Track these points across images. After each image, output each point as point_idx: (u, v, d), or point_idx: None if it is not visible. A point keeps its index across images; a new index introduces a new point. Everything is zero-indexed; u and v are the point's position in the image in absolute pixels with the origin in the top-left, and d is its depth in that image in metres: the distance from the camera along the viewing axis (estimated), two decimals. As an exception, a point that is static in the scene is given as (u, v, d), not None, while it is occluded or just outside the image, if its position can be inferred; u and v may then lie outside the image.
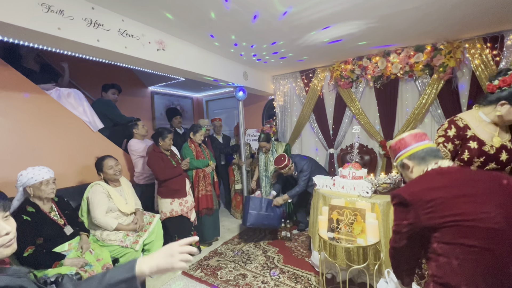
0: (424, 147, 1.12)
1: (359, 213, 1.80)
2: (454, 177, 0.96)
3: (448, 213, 0.87)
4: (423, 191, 0.94)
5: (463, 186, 0.92)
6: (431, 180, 0.98)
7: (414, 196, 0.94)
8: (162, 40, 2.39)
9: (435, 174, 1.01)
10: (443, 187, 0.93)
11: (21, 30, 1.56)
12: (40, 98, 2.28)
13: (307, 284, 2.26)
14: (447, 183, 0.94)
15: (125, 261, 2.15)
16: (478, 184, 0.92)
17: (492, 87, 1.44)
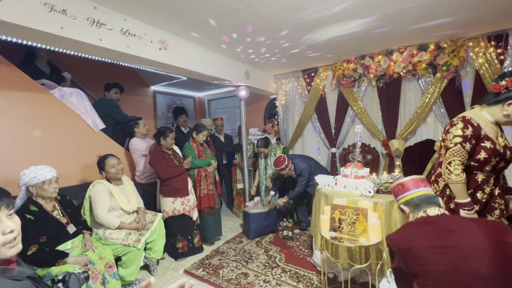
0: (420, 194, 1.14)
1: (361, 212, 1.79)
2: (438, 227, 0.99)
3: (423, 262, 0.93)
4: (403, 240, 1.02)
5: (444, 237, 0.94)
6: (414, 229, 1.04)
7: (394, 245, 1.04)
8: (164, 39, 2.40)
9: (421, 223, 1.05)
10: (423, 237, 0.98)
11: (24, 29, 1.57)
12: (43, 97, 2.29)
13: (309, 283, 2.26)
14: (429, 233, 0.98)
15: (128, 260, 2.17)
16: (459, 236, 0.93)
17: (499, 87, 1.42)
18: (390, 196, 2.07)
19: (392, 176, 2.33)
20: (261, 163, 3.67)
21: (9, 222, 0.78)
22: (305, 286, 2.22)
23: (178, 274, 2.50)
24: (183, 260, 2.76)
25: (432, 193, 1.14)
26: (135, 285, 2.29)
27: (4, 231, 0.76)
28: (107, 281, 1.92)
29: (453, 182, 1.46)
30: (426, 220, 1.06)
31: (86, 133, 2.59)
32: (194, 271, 2.54)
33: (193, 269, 2.57)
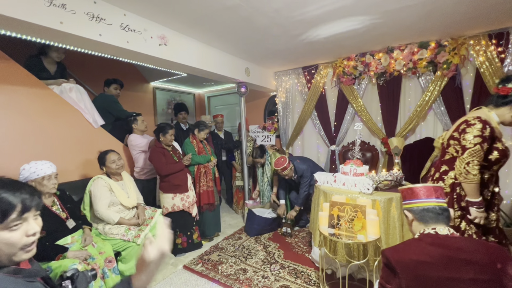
0: (430, 205, 1.04)
1: (360, 209, 1.80)
2: (446, 254, 0.90)
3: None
4: (411, 263, 0.91)
5: (452, 267, 0.88)
6: (422, 251, 0.94)
7: (401, 266, 0.92)
8: (164, 35, 2.38)
9: (428, 245, 0.96)
10: (432, 264, 0.90)
11: (24, 24, 1.56)
12: (43, 92, 2.29)
13: (307, 279, 2.28)
14: (437, 260, 0.90)
15: (127, 255, 2.19)
16: (468, 268, 0.87)
17: (507, 90, 1.46)
18: (388, 194, 2.08)
19: (391, 174, 2.34)
20: (259, 172, 3.66)
21: (34, 223, 0.75)
22: (303, 282, 2.24)
23: (177, 270, 2.52)
24: (182, 255, 2.77)
25: (444, 206, 1.05)
26: (134, 280, 2.30)
27: (28, 233, 0.73)
28: (106, 276, 1.93)
29: (470, 182, 1.46)
30: (435, 242, 0.95)
31: (86, 129, 2.59)
32: (193, 266, 2.55)
33: (192, 265, 2.58)
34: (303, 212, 3.40)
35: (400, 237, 1.98)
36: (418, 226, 1.07)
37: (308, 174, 3.04)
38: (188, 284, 2.28)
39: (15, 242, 0.69)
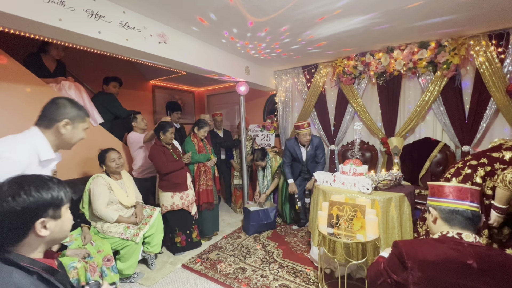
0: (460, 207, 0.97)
1: (359, 209, 1.80)
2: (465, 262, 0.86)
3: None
4: (425, 263, 0.89)
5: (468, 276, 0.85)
6: (440, 253, 0.90)
7: (413, 263, 0.90)
8: (164, 33, 2.37)
9: (449, 248, 0.91)
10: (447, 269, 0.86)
11: (22, 20, 1.55)
12: (41, 90, 2.27)
13: (305, 278, 2.28)
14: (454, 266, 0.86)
15: (126, 253, 2.18)
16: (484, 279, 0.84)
17: None
18: (388, 193, 2.08)
19: (390, 174, 2.34)
20: (259, 174, 3.63)
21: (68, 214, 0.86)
22: (302, 281, 2.24)
23: (176, 268, 2.52)
24: (181, 254, 2.77)
25: (477, 211, 0.97)
26: (133, 279, 2.30)
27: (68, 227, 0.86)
28: (105, 274, 1.93)
29: (508, 190, 1.46)
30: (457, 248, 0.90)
31: (85, 127, 2.58)
32: (192, 265, 2.55)
33: (191, 264, 2.58)
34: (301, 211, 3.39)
35: (399, 237, 1.99)
36: (441, 226, 1.01)
37: (323, 146, 3.17)
38: (186, 283, 2.28)
39: (71, 219, 0.86)
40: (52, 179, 0.82)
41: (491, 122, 2.88)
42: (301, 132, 3.03)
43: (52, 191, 0.77)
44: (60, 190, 0.80)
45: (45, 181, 0.79)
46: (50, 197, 0.76)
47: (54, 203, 0.77)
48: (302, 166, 3.24)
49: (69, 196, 0.83)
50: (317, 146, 3.12)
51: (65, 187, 0.83)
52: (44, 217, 0.75)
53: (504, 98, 2.69)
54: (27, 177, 0.78)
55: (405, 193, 2.09)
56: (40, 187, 0.76)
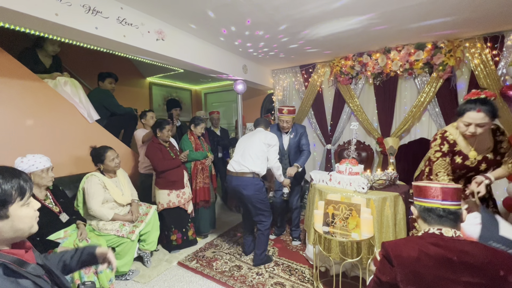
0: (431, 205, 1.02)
1: (354, 208, 1.82)
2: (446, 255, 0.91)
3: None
4: (409, 259, 0.93)
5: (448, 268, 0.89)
6: (422, 249, 0.94)
7: (398, 260, 0.94)
8: (162, 30, 2.36)
9: (430, 244, 0.96)
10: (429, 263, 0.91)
11: (17, 14, 1.53)
12: (37, 85, 2.24)
13: (301, 276, 2.30)
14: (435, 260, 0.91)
15: (121, 251, 2.18)
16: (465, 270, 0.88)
17: None
18: (383, 193, 2.11)
19: (385, 173, 2.36)
20: None
21: (34, 201, 0.83)
22: (297, 279, 2.26)
23: (172, 266, 2.52)
24: (177, 252, 2.77)
25: (450, 208, 1.00)
26: (128, 276, 2.30)
27: (35, 208, 0.82)
28: (100, 271, 1.92)
29: None
30: (437, 243, 0.95)
31: (81, 124, 2.55)
32: (188, 263, 2.55)
33: (187, 261, 2.58)
34: None
35: (393, 236, 2.01)
36: (422, 225, 1.06)
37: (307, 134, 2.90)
38: (182, 281, 2.28)
39: (33, 215, 0.79)
40: (2, 171, 0.73)
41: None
42: (280, 117, 2.79)
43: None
44: (7, 184, 0.70)
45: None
46: None
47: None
48: (282, 155, 2.87)
49: (22, 191, 0.74)
50: (301, 134, 2.85)
51: (17, 181, 0.73)
52: None
53: (498, 100, 2.73)
54: None
55: (400, 193, 2.11)
56: None
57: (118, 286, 2.20)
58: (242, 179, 2.38)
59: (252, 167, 2.35)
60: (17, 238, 0.76)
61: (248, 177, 2.36)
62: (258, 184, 2.41)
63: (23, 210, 0.75)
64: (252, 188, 2.36)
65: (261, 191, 2.42)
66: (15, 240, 0.76)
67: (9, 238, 0.74)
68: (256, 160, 2.38)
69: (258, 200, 2.40)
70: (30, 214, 0.78)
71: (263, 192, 2.45)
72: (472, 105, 1.44)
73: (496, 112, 1.43)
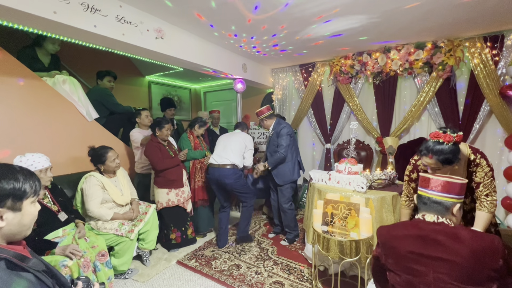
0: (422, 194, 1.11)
1: (354, 207, 1.82)
2: (421, 234, 1.02)
3: (397, 264, 1.05)
4: (390, 237, 1.10)
5: (422, 245, 1.01)
6: (403, 230, 1.09)
7: (381, 238, 1.13)
8: (161, 29, 2.35)
9: (412, 225, 1.08)
10: (405, 240, 1.04)
11: (16, 12, 1.52)
12: (35, 83, 2.23)
13: (299, 275, 2.30)
14: (411, 238, 1.04)
15: (120, 250, 2.17)
16: (439, 248, 0.97)
17: None
18: (382, 192, 2.11)
19: (385, 173, 2.37)
20: None
21: None
22: (296, 278, 2.26)
23: (171, 265, 2.52)
24: (176, 251, 2.77)
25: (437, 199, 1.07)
26: (127, 275, 2.30)
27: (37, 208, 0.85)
28: (98, 269, 1.92)
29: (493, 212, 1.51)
30: (418, 225, 1.06)
31: (80, 122, 2.55)
32: (186, 262, 2.56)
33: (186, 260, 2.59)
34: None
35: (392, 235, 2.01)
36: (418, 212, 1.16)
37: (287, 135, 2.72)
38: (181, 279, 2.29)
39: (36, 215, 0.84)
40: (22, 170, 0.80)
41: (484, 123, 2.93)
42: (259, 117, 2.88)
43: (15, 181, 0.76)
44: (26, 182, 0.78)
45: (12, 171, 0.78)
46: (11, 188, 0.75)
47: (15, 194, 0.75)
48: None
49: (36, 190, 0.81)
50: (279, 134, 2.75)
51: (34, 180, 0.81)
52: (1, 206, 0.73)
53: (497, 99, 2.73)
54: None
55: (399, 192, 2.11)
56: (3, 176, 0.75)
57: (117, 285, 2.20)
58: (224, 170, 2.72)
59: (233, 160, 2.72)
60: (18, 235, 0.80)
61: (228, 168, 2.72)
62: (237, 173, 2.78)
63: (32, 207, 0.81)
64: (233, 177, 2.72)
65: (240, 178, 2.81)
66: (16, 237, 0.80)
67: (13, 233, 0.78)
68: (236, 154, 2.76)
69: (238, 185, 2.77)
70: (35, 213, 0.83)
71: (242, 179, 2.85)
72: (425, 151, 1.43)
73: (450, 159, 1.36)
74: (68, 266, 1.66)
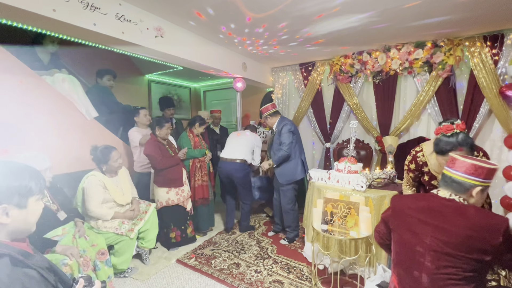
0: (446, 172, 1.15)
1: (353, 206, 1.83)
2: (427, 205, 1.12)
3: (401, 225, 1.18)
4: (401, 203, 1.22)
5: (425, 213, 1.11)
6: (416, 199, 1.20)
7: (394, 203, 1.25)
8: (161, 27, 2.34)
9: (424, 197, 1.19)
10: (416, 208, 1.14)
11: (15, 10, 1.51)
12: (34, 82, 2.22)
13: (299, 274, 2.31)
14: (417, 206, 1.14)
15: (120, 248, 2.17)
16: (439, 217, 1.07)
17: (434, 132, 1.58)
18: (381, 191, 2.11)
19: (384, 172, 2.37)
20: None
21: None
22: (296, 277, 2.26)
23: (171, 263, 2.52)
24: (176, 249, 2.77)
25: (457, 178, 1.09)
26: (127, 273, 2.30)
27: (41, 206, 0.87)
28: (98, 268, 1.92)
29: None
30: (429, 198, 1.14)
31: (79, 121, 2.54)
32: (186, 260, 2.56)
33: (186, 259, 2.59)
34: None
35: (392, 234, 2.02)
36: None
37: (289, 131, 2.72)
38: (180, 278, 2.29)
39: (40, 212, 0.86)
40: (29, 168, 0.82)
41: (483, 122, 2.93)
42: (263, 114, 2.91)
43: (22, 179, 0.77)
44: (32, 180, 0.79)
45: (18, 168, 0.79)
46: (18, 185, 0.76)
47: (21, 191, 0.76)
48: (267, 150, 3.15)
49: (41, 188, 0.83)
50: (281, 132, 2.74)
51: (39, 178, 0.83)
52: (8, 203, 0.74)
53: (497, 99, 2.73)
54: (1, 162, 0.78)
55: (399, 191, 2.12)
56: (10, 173, 0.76)
57: (117, 283, 2.21)
58: (234, 164, 2.94)
59: (242, 155, 2.94)
60: (23, 232, 0.82)
61: (238, 162, 2.94)
62: (246, 169, 3.02)
63: (36, 205, 0.83)
64: (242, 172, 2.96)
65: (248, 175, 3.06)
66: (21, 234, 0.81)
67: (18, 230, 0.79)
68: (246, 151, 2.99)
69: (244, 181, 3.01)
70: (39, 211, 0.85)
71: (249, 176, 3.10)
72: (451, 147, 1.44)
73: (473, 143, 1.47)
74: (69, 264, 1.66)
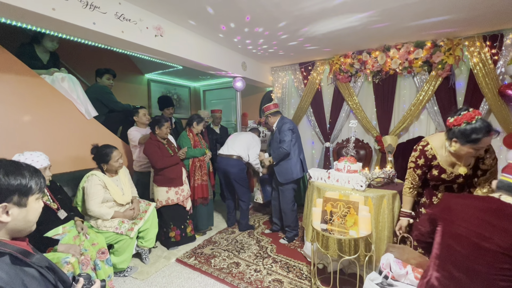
0: (505, 179, 1.12)
1: (353, 206, 1.83)
2: (494, 206, 1.06)
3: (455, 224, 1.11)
4: (458, 201, 1.17)
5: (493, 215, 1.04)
6: (475, 199, 1.15)
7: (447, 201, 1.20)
8: (160, 26, 2.34)
9: (484, 199, 1.13)
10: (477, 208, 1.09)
11: (14, 9, 1.51)
12: (33, 81, 2.22)
13: (298, 273, 2.31)
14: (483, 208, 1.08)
15: (120, 248, 2.18)
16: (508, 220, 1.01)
17: (449, 124, 1.48)
18: (381, 191, 2.12)
19: (384, 171, 2.37)
20: None
21: None
22: (295, 276, 2.27)
23: (170, 263, 2.52)
24: (175, 249, 2.78)
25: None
26: (126, 273, 2.30)
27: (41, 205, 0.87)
28: (98, 267, 1.92)
29: None
30: (490, 200, 1.09)
31: (78, 120, 2.54)
32: (186, 259, 2.56)
33: (185, 258, 2.59)
34: None
35: (389, 233, 2.02)
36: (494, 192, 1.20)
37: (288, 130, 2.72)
38: (180, 277, 2.29)
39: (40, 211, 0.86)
40: (29, 167, 0.82)
41: (483, 122, 2.93)
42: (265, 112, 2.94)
43: (22, 178, 0.77)
44: (32, 179, 0.80)
45: (18, 167, 0.79)
46: (18, 184, 0.76)
47: (21, 190, 0.77)
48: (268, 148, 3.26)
49: (41, 187, 0.83)
50: (281, 130, 2.76)
51: (39, 177, 0.83)
52: (8, 202, 0.74)
53: (496, 98, 2.74)
54: (1, 161, 0.78)
55: (398, 191, 2.12)
56: (10, 172, 0.76)
57: (117, 283, 2.21)
58: (230, 160, 3.05)
59: (238, 152, 3.04)
60: (23, 231, 0.82)
61: (234, 158, 3.04)
62: (242, 165, 3.09)
63: (36, 204, 0.83)
64: (237, 168, 3.04)
65: (243, 171, 3.11)
66: (21, 233, 0.82)
67: (18, 229, 0.79)
68: (242, 148, 3.08)
69: (240, 177, 3.07)
70: (39, 209, 0.85)
71: (244, 173, 3.14)
72: (483, 131, 1.40)
73: None
74: (71, 262, 1.66)
